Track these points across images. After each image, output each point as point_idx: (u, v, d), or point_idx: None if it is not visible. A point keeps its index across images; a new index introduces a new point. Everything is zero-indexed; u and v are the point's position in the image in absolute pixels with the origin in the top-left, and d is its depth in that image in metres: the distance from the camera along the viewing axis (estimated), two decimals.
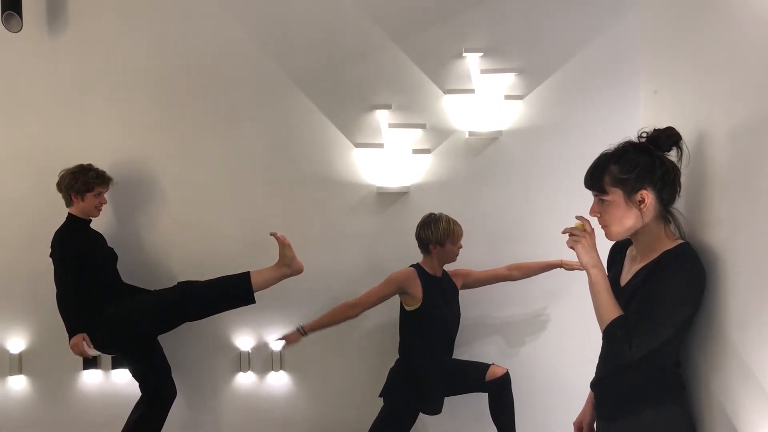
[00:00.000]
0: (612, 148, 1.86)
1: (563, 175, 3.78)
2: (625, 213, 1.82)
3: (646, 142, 1.85)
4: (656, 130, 1.85)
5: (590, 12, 3.82)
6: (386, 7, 3.84)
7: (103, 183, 3.51)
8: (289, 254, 3.26)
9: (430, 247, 3.42)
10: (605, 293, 1.81)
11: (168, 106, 3.82)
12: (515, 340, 3.86)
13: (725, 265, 1.72)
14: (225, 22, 3.82)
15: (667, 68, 2.14)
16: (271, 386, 3.87)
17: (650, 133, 1.86)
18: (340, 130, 3.85)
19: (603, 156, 1.86)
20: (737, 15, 1.69)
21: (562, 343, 3.84)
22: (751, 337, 1.60)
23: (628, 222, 1.82)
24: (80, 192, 3.43)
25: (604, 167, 1.84)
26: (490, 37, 3.84)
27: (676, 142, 1.85)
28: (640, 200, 1.80)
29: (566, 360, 3.81)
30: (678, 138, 1.84)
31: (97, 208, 3.50)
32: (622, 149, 1.84)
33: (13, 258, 3.79)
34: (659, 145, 1.83)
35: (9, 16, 3.55)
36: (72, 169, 3.48)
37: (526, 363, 3.86)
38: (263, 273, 3.29)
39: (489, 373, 3.42)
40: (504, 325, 3.86)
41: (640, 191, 1.80)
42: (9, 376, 3.81)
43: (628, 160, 1.81)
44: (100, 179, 3.48)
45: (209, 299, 3.30)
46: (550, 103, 3.85)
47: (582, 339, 3.74)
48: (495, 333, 3.82)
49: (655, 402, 1.81)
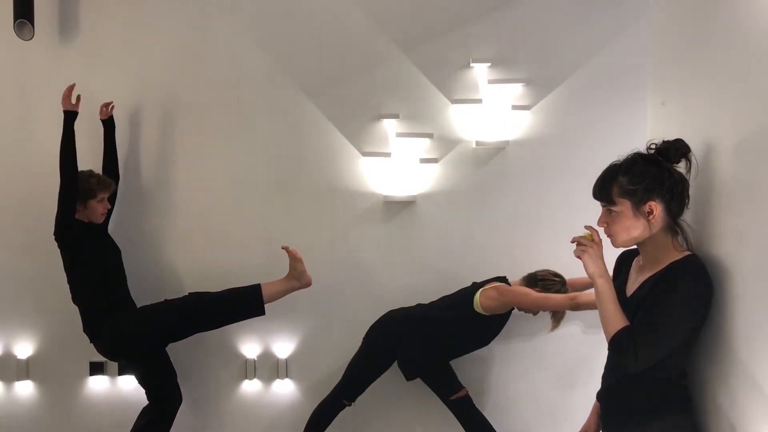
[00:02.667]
0: (621, 160, 1.86)
1: (570, 185, 3.78)
2: (633, 224, 1.82)
3: (655, 154, 1.85)
4: (665, 141, 1.85)
5: (598, 23, 3.83)
6: (394, 17, 3.86)
7: (106, 188, 3.49)
8: (299, 268, 3.31)
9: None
10: (611, 303, 1.82)
11: (177, 114, 3.85)
12: (518, 349, 3.85)
13: (732, 276, 1.72)
14: (234, 32, 3.85)
15: (675, 79, 2.15)
16: (276, 394, 3.87)
17: (659, 144, 1.86)
18: (348, 139, 3.86)
19: (612, 167, 1.86)
20: (745, 27, 1.70)
21: (567, 352, 3.83)
22: (757, 348, 1.60)
23: (635, 232, 1.83)
24: (83, 199, 3.43)
25: (612, 178, 1.84)
26: (497, 48, 3.85)
27: (685, 154, 1.85)
28: (649, 211, 1.80)
29: (570, 368, 3.80)
30: (687, 150, 1.85)
31: (102, 213, 3.50)
32: (631, 160, 1.84)
33: (19, 264, 3.81)
34: (668, 157, 1.83)
35: (21, 24, 3.59)
36: None
37: (530, 372, 3.84)
38: (273, 285, 3.34)
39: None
40: (507, 331, 3.85)
41: (649, 202, 1.80)
42: (16, 381, 3.83)
43: (637, 171, 1.81)
44: (102, 185, 3.48)
45: (220, 311, 3.32)
46: (558, 113, 3.85)
47: (587, 349, 3.75)
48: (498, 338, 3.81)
49: (661, 413, 1.81)
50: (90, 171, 3.51)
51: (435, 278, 3.83)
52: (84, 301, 3.39)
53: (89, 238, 3.46)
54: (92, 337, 3.37)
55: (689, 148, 1.85)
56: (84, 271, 3.39)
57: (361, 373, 3.53)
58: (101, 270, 3.43)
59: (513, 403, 3.74)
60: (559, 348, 3.84)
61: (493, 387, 3.80)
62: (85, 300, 3.39)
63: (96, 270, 3.41)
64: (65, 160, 3.34)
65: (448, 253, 3.83)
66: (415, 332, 3.48)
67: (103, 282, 3.42)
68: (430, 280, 3.82)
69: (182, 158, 3.84)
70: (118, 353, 3.45)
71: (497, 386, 3.81)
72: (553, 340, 3.84)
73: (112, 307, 3.40)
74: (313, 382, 3.85)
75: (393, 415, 3.85)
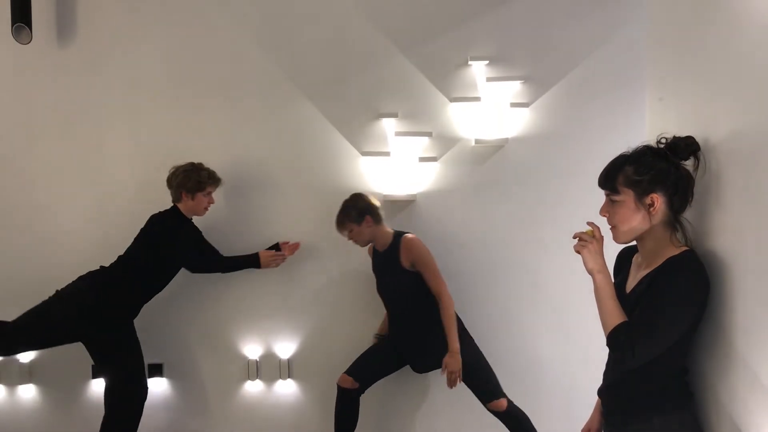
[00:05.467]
0: (630, 151, 1.87)
1: (569, 181, 3.78)
2: (633, 214, 1.83)
3: (664, 149, 1.86)
4: (676, 137, 1.86)
5: (596, 20, 3.83)
6: (392, 16, 3.86)
7: (214, 182, 3.56)
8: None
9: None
10: (610, 299, 1.82)
11: (176, 115, 3.85)
12: (520, 346, 3.86)
13: (731, 271, 1.72)
14: (232, 32, 3.85)
15: (673, 75, 2.14)
16: (279, 394, 3.88)
17: (669, 139, 1.86)
18: (347, 138, 3.86)
19: (620, 157, 1.88)
20: (743, 22, 1.70)
21: (568, 348, 3.83)
22: (757, 343, 1.60)
23: (634, 222, 1.83)
24: (191, 190, 3.47)
25: (619, 167, 1.85)
26: (495, 46, 3.85)
27: (694, 152, 1.85)
28: (650, 203, 1.81)
29: (573, 367, 3.80)
30: (696, 147, 1.85)
31: (205, 207, 3.55)
32: (640, 152, 1.86)
33: (20, 267, 3.81)
34: (677, 153, 1.84)
35: (19, 29, 3.59)
36: (185, 166, 3.51)
37: (533, 370, 3.85)
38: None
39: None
40: (508, 330, 3.85)
41: (651, 194, 1.81)
42: (19, 385, 3.84)
43: (644, 162, 1.82)
44: (212, 179, 3.53)
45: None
46: (556, 110, 3.85)
47: (587, 344, 3.75)
48: (499, 338, 3.81)
49: (662, 409, 1.81)
50: (200, 164, 3.53)
51: None
52: (125, 280, 3.40)
53: (194, 240, 3.53)
54: (95, 300, 3.34)
55: (699, 146, 1.85)
56: (157, 261, 3.44)
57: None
58: (166, 274, 3.50)
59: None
60: (558, 346, 3.85)
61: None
62: (127, 279, 3.40)
63: (164, 270, 3.48)
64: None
65: (449, 251, 3.83)
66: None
67: (154, 286, 3.49)
68: None
69: (182, 158, 3.83)
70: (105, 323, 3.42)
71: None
72: (555, 338, 3.85)
73: (135, 302, 3.45)
74: (315, 382, 3.86)
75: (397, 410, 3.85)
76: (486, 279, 3.86)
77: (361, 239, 3.48)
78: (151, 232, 3.46)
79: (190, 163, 3.53)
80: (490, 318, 3.84)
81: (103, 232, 3.79)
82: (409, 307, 3.45)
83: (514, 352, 3.84)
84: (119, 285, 3.40)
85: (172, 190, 3.53)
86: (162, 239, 3.44)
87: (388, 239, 3.48)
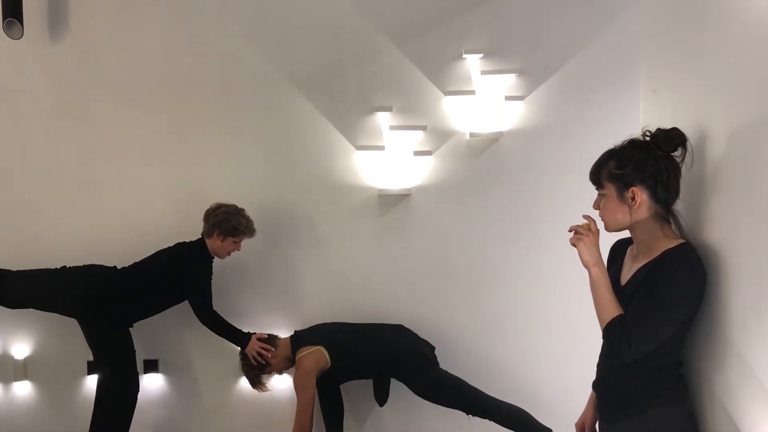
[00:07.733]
0: (617, 145, 1.87)
1: (564, 175, 3.77)
2: (617, 208, 1.84)
3: (648, 141, 1.85)
4: (659, 129, 1.85)
5: (590, 12, 3.82)
6: (386, 10, 3.84)
7: (249, 234, 3.53)
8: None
9: None
10: (605, 292, 1.81)
11: (169, 110, 3.83)
12: (514, 340, 3.86)
13: (726, 264, 1.72)
14: (225, 27, 3.83)
15: (667, 67, 2.14)
16: (274, 390, 3.87)
17: (653, 131, 1.86)
18: (341, 132, 3.85)
19: (607, 152, 1.88)
20: (737, 14, 1.69)
21: (563, 342, 3.83)
22: (752, 335, 1.60)
23: (618, 215, 1.84)
24: (225, 233, 3.46)
25: (604, 162, 1.86)
26: (490, 39, 3.84)
27: (680, 143, 1.84)
28: (631, 197, 1.81)
29: (567, 360, 3.80)
30: (682, 139, 1.84)
31: (229, 252, 3.54)
32: (622, 146, 1.86)
33: (15, 264, 3.79)
34: (659, 145, 1.83)
35: (10, 23, 3.56)
36: (227, 207, 3.49)
37: (527, 363, 3.85)
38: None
39: None
40: (502, 323, 3.86)
41: (632, 188, 1.80)
42: (14, 382, 3.82)
43: (624, 156, 1.83)
44: (248, 229, 3.52)
45: None
46: (551, 103, 3.85)
47: (583, 338, 3.74)
48: (494, 331, 3.81)
49: (656, 402, 1.81)
50: (243, 210, 3.52)
51: (431, 271, 3.84)
52: (127, 292, 3.45)
53: (205, 271, 3.54)
54: (96, 297, 3.40)
55: (685, 137, 1.84)
56: (164, 285, 3.48)
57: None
58: (167, 298, 3.52)
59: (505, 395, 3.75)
60: (553, 339, 3.85)
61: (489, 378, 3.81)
62: (129, 291, 3.45)
63: (166, 295, 3.51)
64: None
65: (444, 245, 3.83)
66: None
67: (154, 306, 3.52)
68: (426, 273, 3.83)
69: (175, 153, 3.83)
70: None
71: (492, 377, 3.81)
72: (549, 331, 3.86)
73: (132, 313, 3.50)
74: None
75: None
76: (481, 272, 3.85)
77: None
78: (175, 258, 3.48)
79: (233, 206, 3.50)
80: (484, 312, 3.84)
81: (94, 230, 3.77)
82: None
83: (509, 346, 3.84)
84: (126, 290, 3.44)
85: (206, 225, 3.51)
86: (183, 268, 3.46)
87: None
